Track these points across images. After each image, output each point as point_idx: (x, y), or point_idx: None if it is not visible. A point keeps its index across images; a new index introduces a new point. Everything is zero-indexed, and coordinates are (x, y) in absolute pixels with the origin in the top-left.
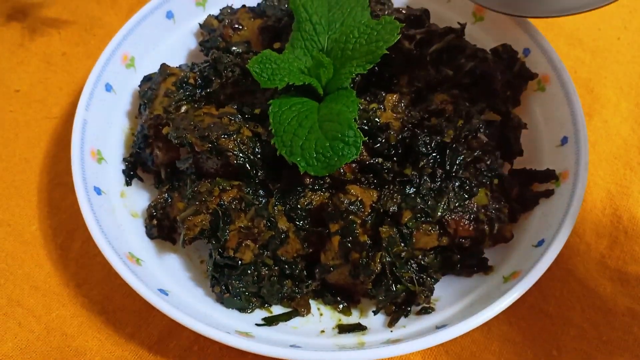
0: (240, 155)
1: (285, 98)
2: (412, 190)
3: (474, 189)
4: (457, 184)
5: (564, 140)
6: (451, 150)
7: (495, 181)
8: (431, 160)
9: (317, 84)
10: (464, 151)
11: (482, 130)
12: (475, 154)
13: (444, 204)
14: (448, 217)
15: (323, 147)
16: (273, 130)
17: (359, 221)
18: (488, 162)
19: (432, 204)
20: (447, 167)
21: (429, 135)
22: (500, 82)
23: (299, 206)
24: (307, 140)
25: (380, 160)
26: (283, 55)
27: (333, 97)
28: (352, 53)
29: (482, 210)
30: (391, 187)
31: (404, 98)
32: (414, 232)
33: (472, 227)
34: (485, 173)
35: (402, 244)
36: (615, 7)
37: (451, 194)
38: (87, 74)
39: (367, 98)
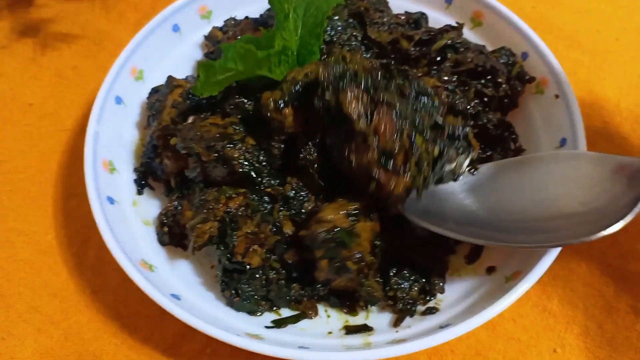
0: (245, 163)
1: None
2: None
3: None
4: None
5: (563, 142)
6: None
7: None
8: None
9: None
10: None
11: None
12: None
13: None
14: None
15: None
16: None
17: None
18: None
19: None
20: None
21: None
22: (505, 75)
23: (302, 210)
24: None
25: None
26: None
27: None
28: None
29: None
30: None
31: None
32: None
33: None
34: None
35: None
36: (614, 8)
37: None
38: (98, 86)
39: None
